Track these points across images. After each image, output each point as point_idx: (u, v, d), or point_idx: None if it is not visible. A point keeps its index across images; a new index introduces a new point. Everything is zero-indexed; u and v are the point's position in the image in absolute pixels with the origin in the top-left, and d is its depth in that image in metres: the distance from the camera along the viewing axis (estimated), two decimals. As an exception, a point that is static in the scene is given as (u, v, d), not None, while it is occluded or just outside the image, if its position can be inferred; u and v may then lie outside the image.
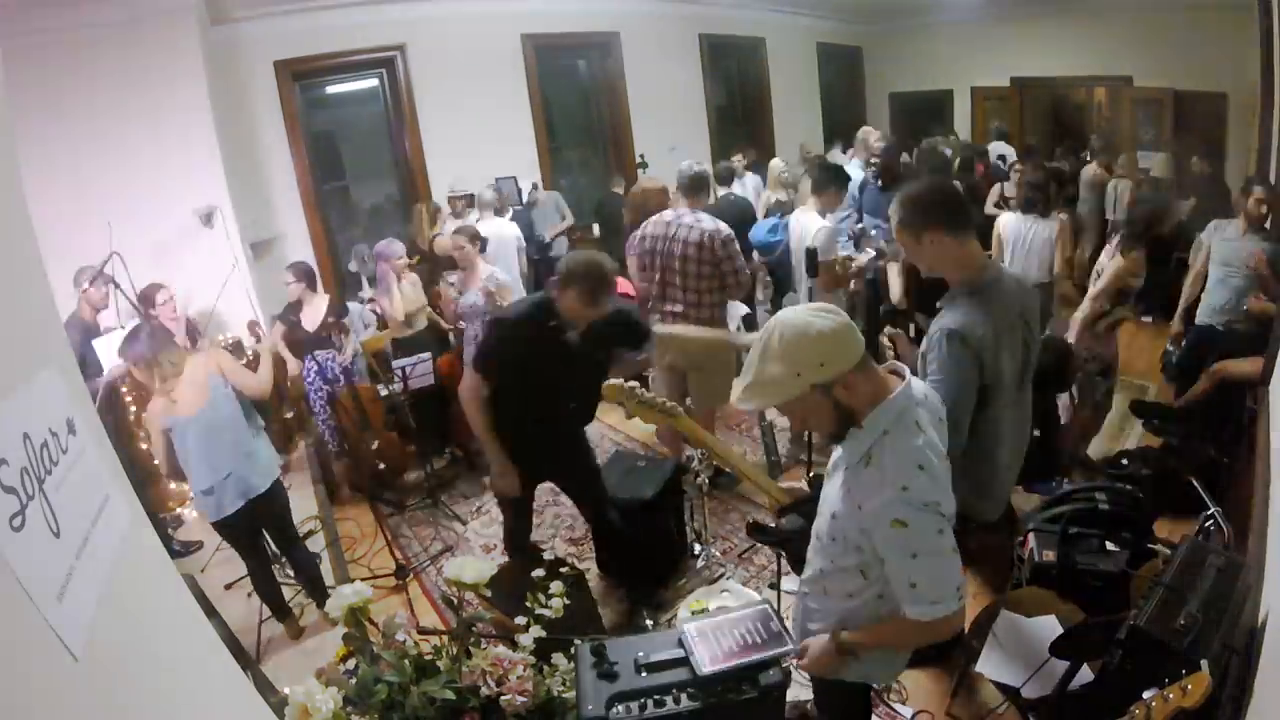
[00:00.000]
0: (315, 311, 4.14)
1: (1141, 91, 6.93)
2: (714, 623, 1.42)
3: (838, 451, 1.48)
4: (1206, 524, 2.05)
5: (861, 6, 8.64)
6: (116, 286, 3.05)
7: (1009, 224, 3.87)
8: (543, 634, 1.47)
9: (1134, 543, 2.30)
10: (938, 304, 1.93)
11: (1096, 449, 3.65)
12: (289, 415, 4.56)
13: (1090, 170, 6.44)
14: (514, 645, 1.41)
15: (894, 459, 1.32)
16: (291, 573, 3.26)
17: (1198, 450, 2.97)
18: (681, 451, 3.39)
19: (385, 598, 3.21)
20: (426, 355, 4.04)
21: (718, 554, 3.24)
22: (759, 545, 3.14)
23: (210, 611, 1.90)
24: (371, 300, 5.11)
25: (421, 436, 4.11)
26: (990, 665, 2.03)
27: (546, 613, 1.50)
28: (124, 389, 3.90)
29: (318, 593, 3.03)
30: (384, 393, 3.99)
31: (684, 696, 1.31)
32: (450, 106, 5.86)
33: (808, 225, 3.72)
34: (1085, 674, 1.80)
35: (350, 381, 4.07)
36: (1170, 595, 1.51)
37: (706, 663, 1.32)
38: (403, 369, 3.94)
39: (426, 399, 4.09)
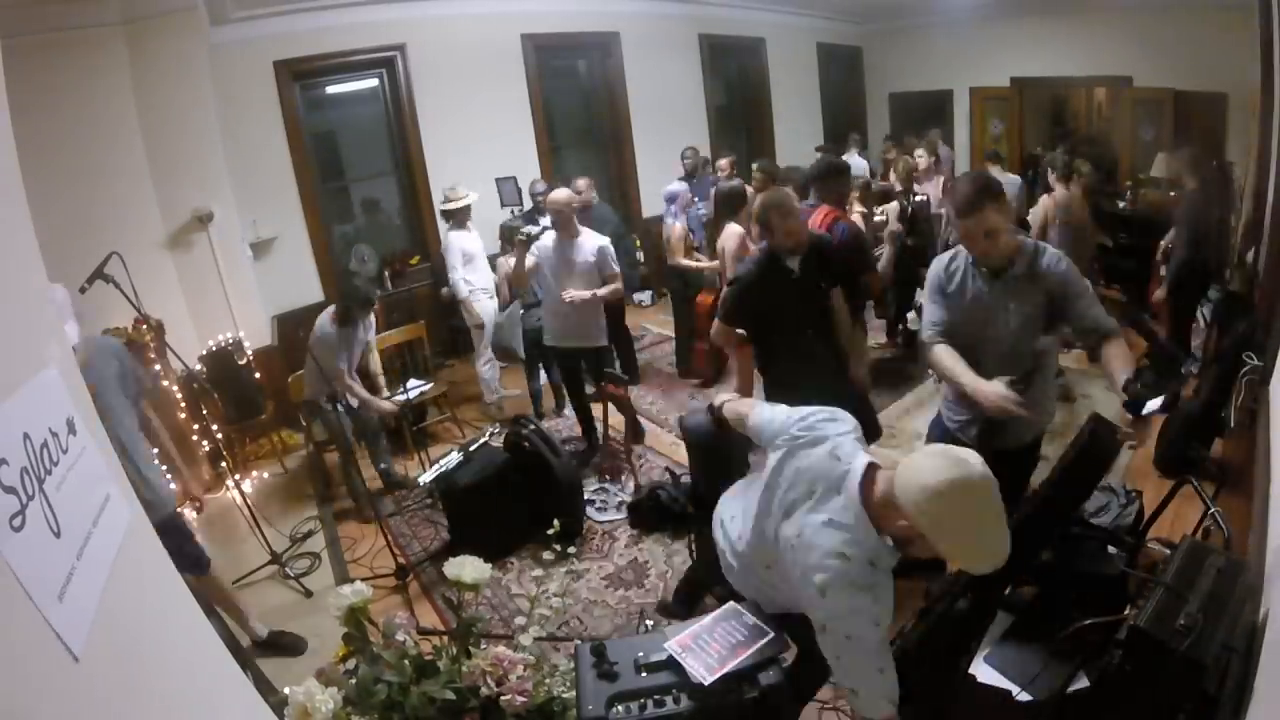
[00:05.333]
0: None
1: (1141, 91, 6.93)
2: (693, 633, 1.42)
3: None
4: (1205, 523, 2.05)
5: (861, 6, 8.64)
6: (116, 286, 3.05)
7: None
8: (542, 634, 1.47)
9: (1133, 545, 2.30)
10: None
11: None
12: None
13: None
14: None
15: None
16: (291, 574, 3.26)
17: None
18: None
19: (385, 598, 3.21)
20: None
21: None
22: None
23: (210, 611, 1.90)
24: None
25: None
26: (987, 669, 2.02)
27: (546, 612, 1.50)
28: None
29: None
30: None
31: (684, 696, 1.31)
32: (450, 106, 5.86)
33: None
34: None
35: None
36: (1170, 595, 1.51)
37: (706, 674, 1.32)
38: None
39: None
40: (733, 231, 3.95)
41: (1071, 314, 2.10)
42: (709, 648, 1.37)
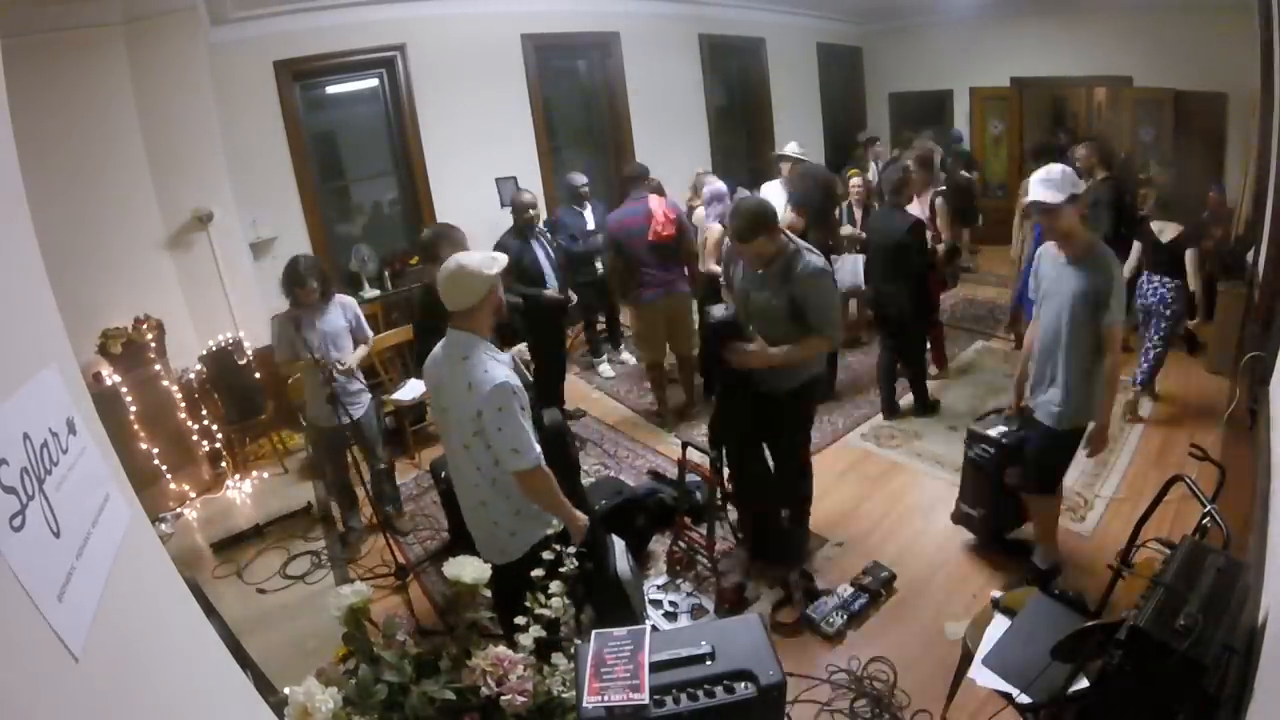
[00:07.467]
0: None
1: (1141, 91, 6.93)
2: (591, 680, 1.34)
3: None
4: (1203, 521, 2.04)
5: (861, 6, 8.64)
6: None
7: None
8: (542, 634, 1.47)
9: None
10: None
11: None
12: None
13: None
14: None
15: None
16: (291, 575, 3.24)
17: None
18: None
19: (385, 598, 3.21)
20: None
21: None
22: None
23: (210, 611, 1.90)
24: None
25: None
26: (986, 672, 2.01)
27: (546, 613, 1.50)
28: (124, 389, 3.91)
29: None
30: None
31: (684, 696, 1.31)
32: (450, 106, 5.85)
33: None
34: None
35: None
36: (1170, 595, 1.51)
37: (641, 695, 1.29)
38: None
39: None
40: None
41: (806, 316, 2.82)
42: (616, 676, 1.34)
